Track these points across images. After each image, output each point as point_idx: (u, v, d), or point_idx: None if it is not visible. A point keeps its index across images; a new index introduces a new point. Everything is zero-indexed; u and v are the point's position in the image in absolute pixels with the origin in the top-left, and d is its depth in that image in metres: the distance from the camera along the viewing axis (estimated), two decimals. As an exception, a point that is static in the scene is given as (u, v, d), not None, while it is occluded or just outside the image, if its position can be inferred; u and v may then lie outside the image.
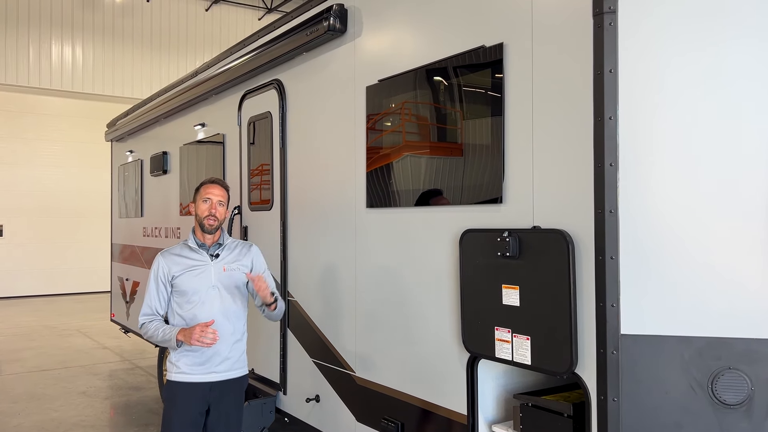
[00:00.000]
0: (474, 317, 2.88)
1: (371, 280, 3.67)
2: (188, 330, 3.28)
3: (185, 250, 3.47)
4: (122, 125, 8.41)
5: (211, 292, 3.41)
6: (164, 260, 3.44)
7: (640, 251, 2.34)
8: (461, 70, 3.06)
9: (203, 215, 3.43)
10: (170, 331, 3.33)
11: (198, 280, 3.40)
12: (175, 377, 3.40)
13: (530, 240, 2.61)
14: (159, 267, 3.43)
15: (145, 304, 3.44)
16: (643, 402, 2.33)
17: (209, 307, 3.40)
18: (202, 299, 3.39)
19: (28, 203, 16.74)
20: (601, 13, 2.39)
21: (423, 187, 3.27)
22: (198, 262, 3.44)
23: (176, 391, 3.39)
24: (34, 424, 6.09)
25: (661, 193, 2.36)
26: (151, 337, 3.41)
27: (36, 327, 11.96)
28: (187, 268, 3.41)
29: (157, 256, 3.49)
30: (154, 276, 3.43)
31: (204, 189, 3.49)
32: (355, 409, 3.80)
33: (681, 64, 2.35)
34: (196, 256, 3.45)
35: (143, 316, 3.43)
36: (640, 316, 2.33)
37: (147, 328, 3.39)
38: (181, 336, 3.29)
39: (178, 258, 3.44)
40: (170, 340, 3.32)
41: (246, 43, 5.11)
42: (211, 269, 3.44)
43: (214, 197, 3.46)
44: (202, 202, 3.45)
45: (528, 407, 2.78)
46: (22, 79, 15.67)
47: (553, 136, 2.60)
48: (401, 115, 3.49)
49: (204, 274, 3.42)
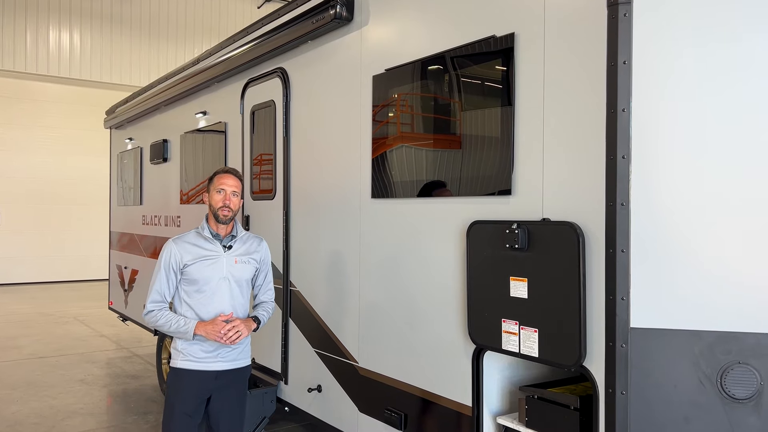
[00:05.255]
0: (480, 309, 2.86)
1: (375, 271, 3.66)
2: (209, 325, 3.28)
3: (199, 239, 3.42)
4: (121, 112, 8.35)
5: (222, 283, 3.38)
6: (177, 247, 3.38)
7: (650, 244, 2.33)
8: (471, 60, 3.04)
9: (217, 206, 3.39)
10: (186, 324, 3.29)
11: (210, 270, 3.37)
12: (182, 364, 3.37)
13: (539, 232, 2.60)
14: (171, 254, 3.37)
15: (153, 290, 3.36)
16: (651, 396, 2.33)
17: (219, 297, 3.38)
18: (212, 289, 3.36)
19: (24, 190, 16.65)
20: (616, 3, 2.36)
21: (430, 177, 3.25)
22: (211, 252, 3.39)
23: (182, 378, 3.36)
24: (33, 411, 6.07)
25: (673, 187, 2.34)
26: (161, 326, 3.34)
27: (32, 314, 11.92)
28: (199, 258, 3.36)
29: (169, 243, 3.42)
30: (165, 262, 3.36)
31: (218, 179, 3.45)
32: (358, 399, 3.79)
33: (696, 57, 2.33)
34: (209, 246, 3.40)
35: (152, 303, 3.35)
36: (650, 310, 2.33)
37: (157, 317, 3.33)
38: (201, 331, 3.28)
39: (191, 246, 3.39)
40: (187, 332, 3.29)
41: (250, 31, 5.07)
42: (224, 260, 3.40)
43: (228, 188, 3.42)
44: (216, 193, 3.41)
45: (534, 399, 2.78)
46: (19, 65, 15.54)
47: (564, 127, 2.58)
48: (408, 104, 3.46)
49: (216, 265, 3.38)
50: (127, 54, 16.83)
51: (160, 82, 7.10)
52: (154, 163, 7.18)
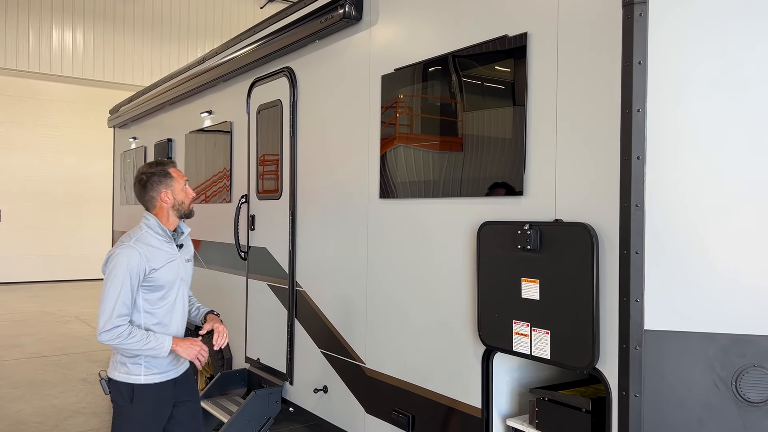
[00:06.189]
0: (491, 310, 2.85)
1: (383, 271, 3.64)
2: (186, 342, 3.08)
3: (157, 240, 3.10)
4: (125, 111, 8.34)
5: (182, 287, 3.19)
6: (141, 252, 3.00)
7: (665, 246, 2.31)
8: (482, 60, 3.02)
9: (189, 200, 3.19)
10: (158, 341, 2.98)
11: (173, 273, 3.12)
12: (149, 379, 3.07)
13: (552, 233, 2.58)
14: (134, 261, 2.97)
15: (119, 303, 2.92)
16: (665, 398, 2.31)
17: (180, 303, 3.18)
18: (174, 295, 3.14)
19: (26, 189, 16.64)
20: (632, 3, 2.34)
21: (439, 177, 3.23)
22: (172, 254, 3.14)
23: (151, 394, 3.08)
24: (35, 410, 6.05)
25: (688, 188, 2.33)
26: (131, 345, 2.93)
27: (34, 313, 11.91)
28: (166, 261, 3.09)
29: (128, 248, 2.99)
30: (128, 270, 2.94)
31: (175, 172, 3.20)
32: (365, 400, 3.78)
33: (712, 58, 2.31)
34: (168, 247, 3.13)
35: (119, 317, 2.92)
36: (665, 312, 2.31)
37: (125, 334, 2.92)
38: (181, 350, 3.05)
39: (155, 249, 3.06)
40: (162, 349, 2.99)
41: (256, 30, 5.05)
42: (179, 261, 3.18)
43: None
44: (185, 186, 3.19)
45: (545, 402, 2.76)
46: (22, 63, 15.53)
47: (577, 128, 2.56)
48: (417, 104, 3.45)
49: (175, 266, 3.14)
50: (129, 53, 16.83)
51: (165, 81, 7.09)
52: (158, 162, 7.16)
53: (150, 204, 3.16)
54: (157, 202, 3.14)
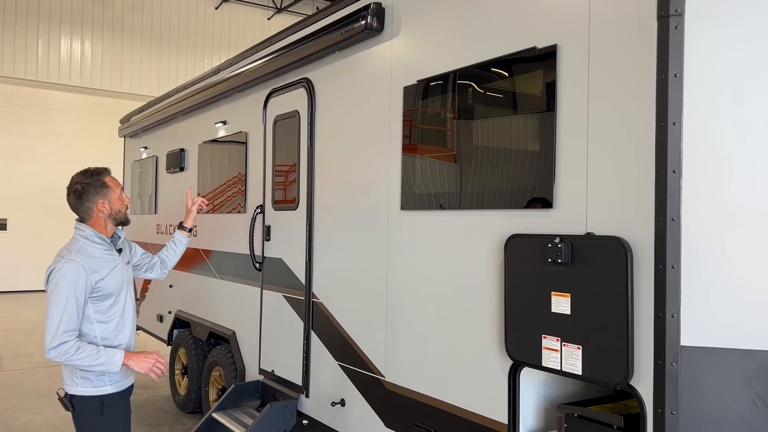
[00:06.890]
0: (519, 324, 2.81)
1: (404, 284, 3.60)
2: (140, 355, 3.05)
3: (97, 249, 3.08)
4: (136, 121, 8.34)
5: (129, 290, 3.19)
6: (83, 266, 2.97)
7: (701, 260, 2.28)
8: (509, 71, 3.00)
9: (125, 206, 3.22)
10: (113, 356, 2.95)
11: (119, 279, 3.11)
12: (114, 388, 3.07)
13: (584, 247, 2.55)
14: (79, 275, 2.94)
15: (65, 318, 2.87)
16: (702, 416, 2.27)
17: (131, 304, 3.19)
18: (122, 300, 3.13)
19: (32, 198, 16.67)
20: (667, 15, 2.33)
21: (464, 189, 3.21)
22: (114, 260, 3.13)
23: (118, 403, 3.09)
24: (45, 421, 6.01)
25: (725, 202, 2.30)
26: (80, 361, 2.88)
27: (40, 322, 11.85)
28: (110, 268, 3.08)
29: (69, 263, 2.96)
30: (73, 286, 2.90)
31: (111, 181, 3.22)
32: (384, 414, 3.73)
33: (749, 71, 2.29)
34: (110, 255, 3.13)
35: (66, 333, 2.86)
36: (702, 328, 2.27)
37: (73, 350, 2.87)
38: (133, 363, 3.02)
39: (98, 260, 3.05)
40: (114, 364, 2.95)
41: (273, 41, 5.05)
42: (121, 266, 3.18)
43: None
44: (121, 193, 3.23)
45: (574, 418, 2.72)
46: (30, 72, 15.62)
47: (609, 140, 2.54)
48: (441, 115, 3.43)
49: (119, 272, 3.14)
50: (137, 63, 16.91)
51: (178, 91, 7.09)
52: (170, 172, 7.16)
53: (86, 214, 3.17)
54: (93, 213, 3.15)
